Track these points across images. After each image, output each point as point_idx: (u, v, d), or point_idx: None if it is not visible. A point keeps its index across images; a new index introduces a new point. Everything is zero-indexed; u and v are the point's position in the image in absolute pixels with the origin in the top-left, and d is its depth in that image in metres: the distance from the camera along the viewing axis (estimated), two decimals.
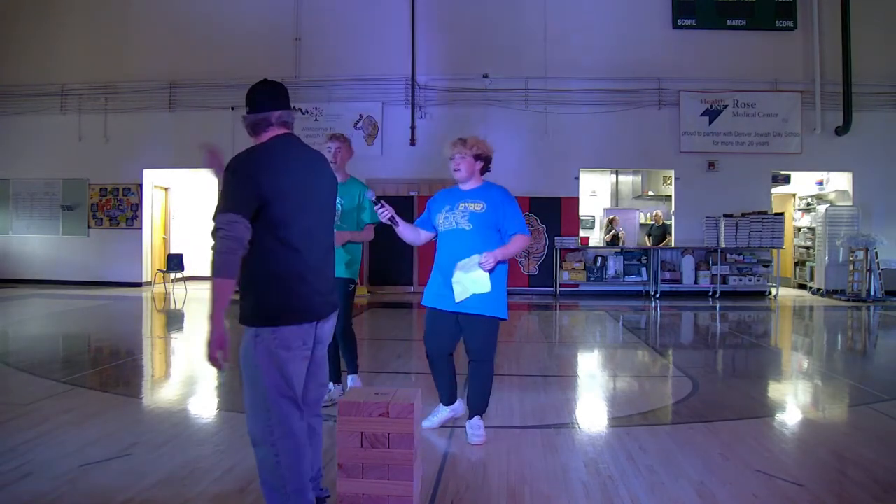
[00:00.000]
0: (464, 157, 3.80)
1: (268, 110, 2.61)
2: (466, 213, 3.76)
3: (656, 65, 13.24)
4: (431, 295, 3.89)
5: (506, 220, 3.78)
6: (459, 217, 3.77)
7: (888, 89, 13.13)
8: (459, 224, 3.76)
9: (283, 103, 2.64)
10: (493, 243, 3.73)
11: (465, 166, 3.81)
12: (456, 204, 3.82)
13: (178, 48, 13.69)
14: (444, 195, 3.97)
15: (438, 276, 3.85)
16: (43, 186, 14.25)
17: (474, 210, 3.76)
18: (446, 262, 3.78)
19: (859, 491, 3.17)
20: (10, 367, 5.92)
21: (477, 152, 3.82)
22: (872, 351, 8.01)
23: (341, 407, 2.78)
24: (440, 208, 3.89)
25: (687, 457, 3.62)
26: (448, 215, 3.81)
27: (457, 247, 3.74)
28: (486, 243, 3.71)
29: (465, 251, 3.70)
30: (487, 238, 3.73)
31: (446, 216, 3.82)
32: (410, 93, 13.42)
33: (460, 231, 3.75)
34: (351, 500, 2.74)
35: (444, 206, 3.87)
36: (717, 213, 12.97)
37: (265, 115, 2.61)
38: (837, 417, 4.75)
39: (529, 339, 8.48)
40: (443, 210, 3.86)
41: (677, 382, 5.77)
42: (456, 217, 3.78)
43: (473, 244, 3.71)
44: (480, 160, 3.84)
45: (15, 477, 3.21)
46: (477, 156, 3.83)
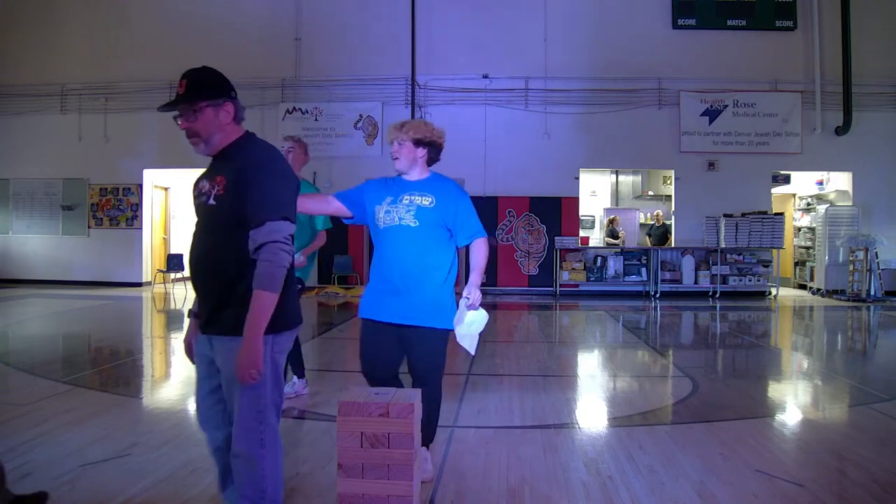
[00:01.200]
0: (401, 143, 3.21)
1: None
2: (412, 207, 3.15)
3: (656, 65, 13.25)
4: (369, 304, 3.24)
5: (459, 221, 3.20)
6: (404, 211, 3.15)
7: (888, 89, 13.14)
8: (404, 220, 3.13)
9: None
10: (442, 246, 3.20)
11: (405, 153, 3.21)
12: (400, 196, 3.18)
13: (178, 48, 13.68)
14: (385, 184, 3.31)
15: (378, 282, 3.23)
16: (43, 186, 14.25)
17: (422, 204, 3.15)
18: (388, 265, 3.17)
19: (859, 491, 3.17)
20: (10, 367, 5.92)
21: (416, 136, 3.21)
22: (872, 351, 8.01)
23: (341, 407, 2.78)
24: (380, 199, 3.23)
25: (687, 457, 3.62)
26: (390, 209, 3.17)
27: (401, 247, 3.13)
28: (435, 245, 3.17)
29: (412, 252, 3.13)
30: (436, 237, 3.17)
31: (388, 210, 3.17)
32: (410, 93, 13.42)
33: (405, 228, 3.12)
34: (351, 500, 2.74)
35: (385, 196, 3.22)
36: (717, 213, 12.97)
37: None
38: (837, 417, 4.75)
39: (529, 339, 8.48)
40: (383, 202, 3.21)
41: (677, 382, 5.77)
42: (399, 211, 3.15)
43: (421, 245, 3.13)
44: (422, 146, 3.23)
45: (15, 477, 3.20)
46: (417, 141, 3.21)
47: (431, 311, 3.17)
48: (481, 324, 3.24)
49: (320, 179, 13.51)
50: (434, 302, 3.17)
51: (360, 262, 13.42)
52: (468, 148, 13.27)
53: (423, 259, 3.14)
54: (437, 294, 3.18)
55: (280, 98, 13.71)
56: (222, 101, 2.42)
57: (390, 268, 3.16)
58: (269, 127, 13.71)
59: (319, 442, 3.86)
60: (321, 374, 6.06)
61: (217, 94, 2.42)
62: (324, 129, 13.61)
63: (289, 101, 13.71)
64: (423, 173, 3.28)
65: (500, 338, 8.06)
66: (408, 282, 3.13)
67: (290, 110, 13.68)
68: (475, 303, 3.14)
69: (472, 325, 3.20)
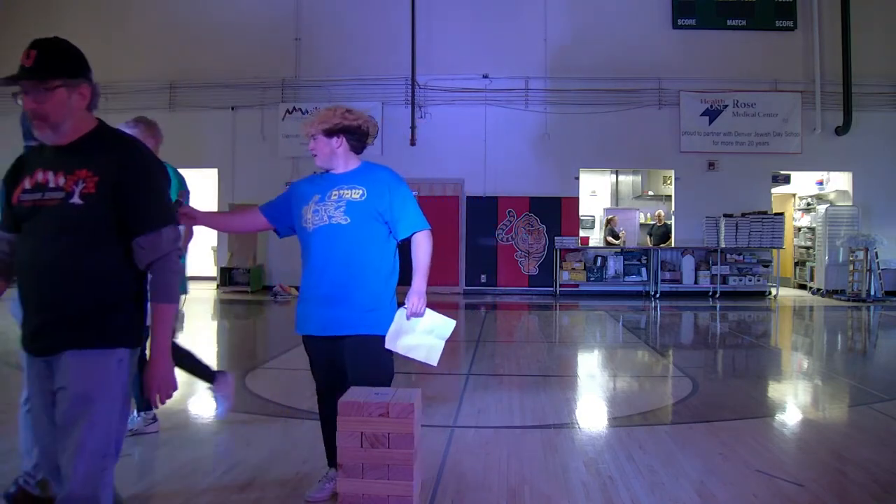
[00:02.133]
0: (314, 137, 2.91)
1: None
2: (342, 202, 2.85)
3: (656, 65, 13.24)
4: (301, 318, 2.98)
5: (395, 212, 2.88)
6: (333, 209, 2.84)
7: (888, 89, 13.13)
8: (333, 218, 2.83)
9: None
10: (379, 243, 2.88)
11: (320, 148, 2.91)
12: (328, 192, 2.89)
13: (178, 48, 13.69)
14: (311, 182, 3.03)
15: (308, 290, 2.94)
16: None
17: (352, 198, 2.85)
18: (319, 271, 2.86)
19: (859, 491, 3.17)
20: (10, 367, 5.92)
21: (324, 127, 2.88)
22: (872, 351, 8.01)
23: (341, 407, 2.78)
24: (306, 199, 2.93)
25: (687, 457, 3.62)
26: (318, 207, 2.87)
27: (331, 248, 2.83)
28: (370, 241, 2.85)
29: (345, 254, 2.82)
30: (371, 234, 2.85)
31: (315, 209, 2.87)
32: (410, 93, 13.42)
33: (335, 228, 2.82)
34: (351, 500, 2.74)
35: (311, 195, 2.92)
36: (717, 213, 12.97)
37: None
38: (837, 417, 4.75)
39: (529, 339, 8.48)
40: (310, 201, 2.91)
41: (677, 382, 5.77)
42: (328, 209, 2.85)
43: (355, 244, 2.82)
44: (339, 135, 2.89)
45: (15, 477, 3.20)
46: (328, 131, 2.88)
47: (369, 316, 2.85)
48: (444, 331, 2.96)
49: None
50: (372, 305, 2.85)
51: None
52: (468, 148, 13.27)
53: (357, 260, 2.83)
54: (375, 297, 2.87)
55: (280, 98, 13.70)
56: (79, 82, 2.00)
57: (321, 274, 2.86)
58: (269, 127, 13.73)
59: (319, 442, 3.85)
60: None
61: (74, 73, 1.99)
62: None
63: (289, 101, 13.70)
64: (350, 164, 2.95)
65: (500, 338, 8.06)
66: (340, 289, 2.83)
67: (290, 110, 13.68)
68: (417, 311, 2.86)
69: (432, 334, 2.94)
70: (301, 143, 13.88)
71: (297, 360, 6.74)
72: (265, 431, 4.12)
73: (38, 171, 2.00)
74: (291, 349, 7.29)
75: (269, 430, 4.17)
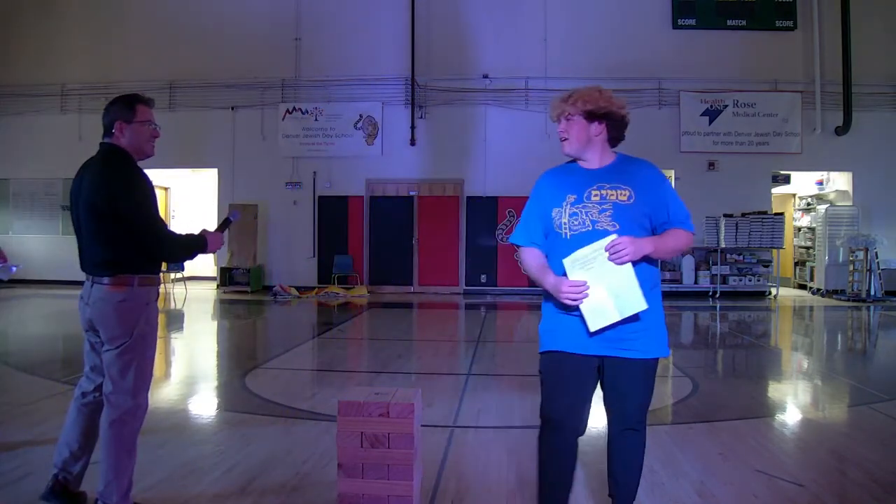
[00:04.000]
0: (570, 118, 2.48)
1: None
2: (607, 205, 2.37)
3: (656, 65, 13.24)
4: (556, 334, 2.50)
5: (662, 212, 2.42)
6: (596, 212, 2.37)
7: (888, 89, 13.13)
8: (598, 223, 2.36)
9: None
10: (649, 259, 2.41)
11: (576, 132, 2.48)
12: (585, 191, 2.41)
13: (178, 48, 13.69)
14: (561, 176, 2.53)
15: (563, 316, 2.46)
16: (43, 186, 14.26)
17: (619, 201, 2.38)
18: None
19: (859, 491, 3.17)
20: (10, 367, 5.92)
21: (589, 108, 2.44)
22: (872, 351, 8.01)
23: (341, 407, 2.78)
24: (558, 199, 2.44)
25: (687, 457, 3.62)
26: (576, 210, 2.39)
27: None
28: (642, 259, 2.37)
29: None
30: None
31: (573, 212, 2.39)
32: (410, 93, 13.42)
33: (602, 235, 2.33)
34: (351, 500, 2.74)
35: (565, 194, 2.43)
36: (717, 213, 12.97)
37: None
38: (837, 417, 4.75)
39: (530, 339, 8.48)
40: (564, 202, 2.42)
41: (677, 382, 5.76)
42: (590, 212, 2.38)
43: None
44: (602, 121, 2.47)
45: (15, 477, 3.21)
46: (590, 114, 2.45)
47: (644, 338, 2.41)
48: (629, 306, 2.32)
49: (320, 179, 13.52)
50: (643, 326, 2.40)
51: (360, 262, 13.41)
52: (468, 148, 13.28)
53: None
54: (645, 313, 2.37)
55: (280, 98, 13.70)
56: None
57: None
58: (269, 127, 13.72)
59: (319, 442, 3.86)
60: (321, 374, 6.06)
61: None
62: (324, 129, 13.61)
63: (289, 101, 13.70)
64: (606, 157, 2.52)
65: (500, 338, 8.06)
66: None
67: (290, 110, 13.67)
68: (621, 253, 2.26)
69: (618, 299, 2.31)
70: (301, 142, 13.97)
71: (297, 360, 6.76)
72: (265, 431, 4.12)
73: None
74: (291, 349, 7.30)
75: (269, 430, 4.17)
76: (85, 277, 2.78)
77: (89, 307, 2.73)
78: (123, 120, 2.76)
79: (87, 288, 2.77)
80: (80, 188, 2.73)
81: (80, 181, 2.75)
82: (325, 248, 13.53)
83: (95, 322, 2.72)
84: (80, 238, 2.79)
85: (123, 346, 2.69)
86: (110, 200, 2.61)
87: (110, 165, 2.69)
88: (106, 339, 2.71)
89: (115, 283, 2.68)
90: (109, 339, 2.70)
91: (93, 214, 2.66)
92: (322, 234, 13.52)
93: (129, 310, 2.70)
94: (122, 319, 2.69)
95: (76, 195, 2.76)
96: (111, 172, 2.67)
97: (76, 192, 2.76)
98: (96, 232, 2.68)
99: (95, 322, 2.72)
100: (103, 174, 2.67)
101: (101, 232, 2.67)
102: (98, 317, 2.70)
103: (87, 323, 2.78)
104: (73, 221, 2.81)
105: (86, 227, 2.71)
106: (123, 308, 2.68)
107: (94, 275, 2.72)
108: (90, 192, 2.66)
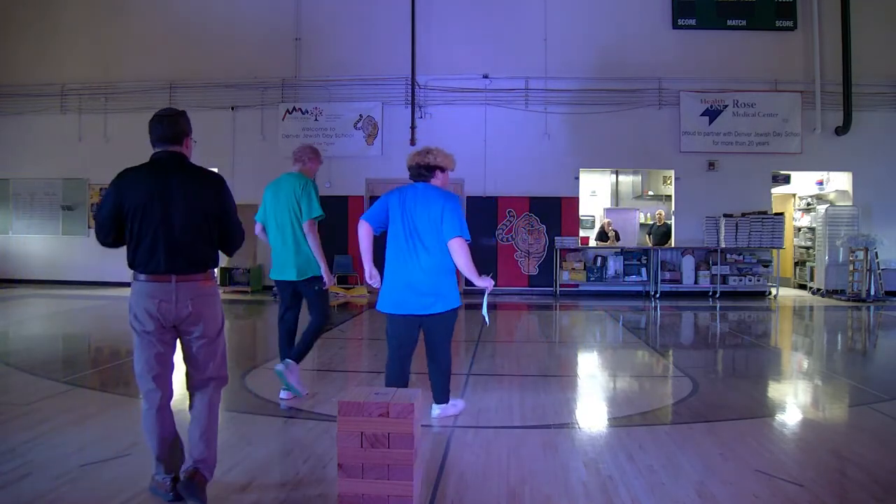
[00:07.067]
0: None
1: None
2: None
3: (656, 65, 13.24)
4: None
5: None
6: None
7: (888, 89, 13.13)
8: None
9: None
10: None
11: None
12: None
13: (178, 48, 13.69)
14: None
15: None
16: (43, 186, 14.25)
17: None
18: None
19: (859, 491, 3.17)
20: (10, 367, 5.92)
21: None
22: (872, 351, 8.01)
23: (341, 407, 2.78)
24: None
25: (687, 457, 3.62)
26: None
27: None
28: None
29: None
30: None
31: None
32: (410, 93, 13.42)
33: None
34: (351, 500, 2.74)
35: None
36: (717, 213, 12.97)
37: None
38: (837, 417, 4.75)
39: (529, 339, 8.48)
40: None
41: (677, 382, 5.77)
42: None
43: None
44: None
45: (15, 477, 3.21)
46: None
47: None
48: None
49: (320, 179, 13.47)
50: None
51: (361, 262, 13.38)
52: (468, 148, 13.25)
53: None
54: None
55: (280, 98, 13.70)
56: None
57: None
58: (268, 127, 13.72)
59: (319, 442, 3.86)
60: (321, 373, 6.06)
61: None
62: (324, 129, 13.61)
63: (289, 101, 13.70)
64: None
65: (500, 338, 8.06)
66: None
67: (290, 110, 13.67)
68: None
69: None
70: (301, 142, 13.91)
71: None
72: (265, 431, 4.12)
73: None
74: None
75: (269, 429, 4.17)
76: (148, 279, 2.90)
77: (182, 304, 2.90)
78: (190, 135, 3.10)
79: (167, 288, 2.89)
80: (173, 193, 2.91)
81: (168, 185, 2.91)
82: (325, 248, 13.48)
83: (196, 316, 2.94)
84: (171, 239, 2.90)
85: (220, 331, 3.08)
86: (224, 209, 3.05)
87: (218, 178, 3.10)
88: (206, 329, 2.99)
89: (209, 279, 3.03)
90: (210, 327, 3.01)
91: (205, 219, 2.98)
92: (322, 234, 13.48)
93: (218, 299, 3.11)
94: (218, 308, 3.08)
95: (166, 198, 2.90)
96: (223, 184, 3.09)
97: (165, 195, 2.90)
98: (205, 235, 3.00)
99: (196, 316, 2.94)
100: (217, 185, 3.06)
101: (207, 234, 3.00)
102: (201, 309, 2.95)
103: (173, 320, 2.91)
104: (156, 222, 2.89)
105: (193, 230, 2.94)
106: (217, 298, 3.09)
107: (186, 272, 2.92)
108: (207, 200, 2.99)
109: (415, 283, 4.03)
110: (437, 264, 4.05)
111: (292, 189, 4.81)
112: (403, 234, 4.08)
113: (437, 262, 4.05)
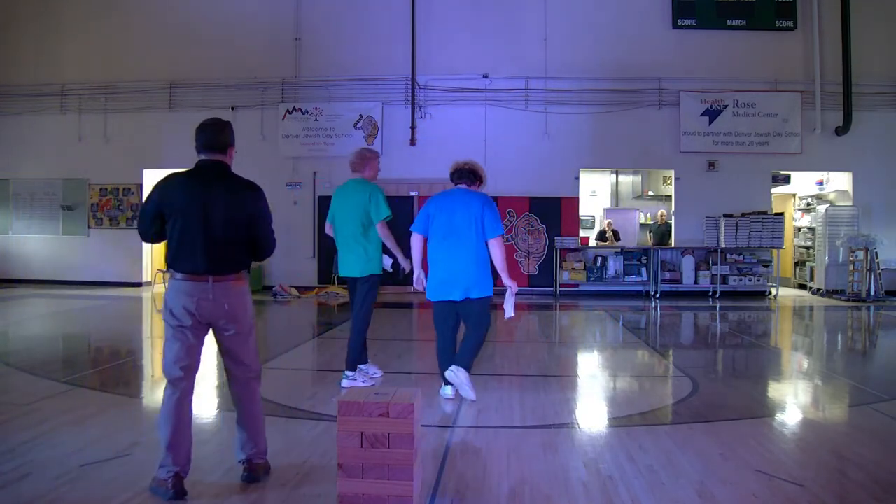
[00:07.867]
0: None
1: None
2: None
3: (656, 65, 13.24)
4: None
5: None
6: None
7: (888, 89, 13.13)
8: None
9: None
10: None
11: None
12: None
13: (178, 48, 13.69)
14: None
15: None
16: (43, 186, 14.25)
17: None
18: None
19: (859, 491, 3.17)
20: (10, 367, 5.92)
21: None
22: (872, 351, 8.01)
23: (341, 407, 2.78)
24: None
25: (687, 457, 3.62)
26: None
27: None
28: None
29: None
30: None
31: None
32: (410, 93, 13.42)
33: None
34: (351, 500, 2.74)
35: None
36: (717, 214, 12.97)
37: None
38: (837, 417, 4.75)
39: (529, 339, 8.48)
40: None
41: (677, 382, 5.77)
42: None
43: None
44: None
45: (15, 477, 3.21)
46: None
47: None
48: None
49: (320, 179, 13.52)
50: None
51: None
52: (468, 148, 13.23)
53: None
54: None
55: (280, 98, 13.70)
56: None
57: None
58: (269, 127, 13.72)
59: (319, 442, 3.86)
60: (321, 373, 6.06)
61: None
62: (324, 129, 13.61)
63: (289, 101, 13.70)
64: None
65: (500, 338, 8.06)
66: None
67: (290, 110, 13.67)
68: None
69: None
70: (301, 142, 13.96)
71: (298, 360, 6.76)
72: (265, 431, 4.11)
73: None
74: (291, 349, 7.30)
75: (269, 430, 4.17)
76: (186, 277, 3.07)
77: (218, 302, 3.08)
78: (233, 145, 3.36)
79: (204, 287, 3.07)
80: (214, 200, 3.09)
81: (210, 192, 3.11)
82: (326, 248, 13.53)
83: (231, 314, 3.12)
84: (210, 243, 3.08)
85: (252, 326, 3.26)
86: (261, 217, 3.23)
87: (256, 189, 3.27)
88: (240, 326, 3.17)
89: (242, 279, 3.20)
90: (243, 325, 3.19)
91: (242, 226, 3.16)
92: (322, 235, 13.48)
93: (249, 297, 3.28)
94: (249, 305, 3.25)
95: (207, 204, 3.08)
96: (261, 194, 3.28)
97: (207, 201, 3.09)
98: (241, 240, 3.18)
99: (231, 314, 3.12)
100: (255, 195, 3.25)
101: (243, 240, 3.19)
102: (235, 308, 3.13)
103: (209, 317, 3.10)
104: (197, 226, 3.07)
105: (230, 235, 3.12)
106: (248, 297, 3.25)
107: (222, 273, 3.10)
108: (245, 208, 3.17)
109: (454, 275, 4.66)
110: (472, 258, 4.65)
111: (359, 197, 5.18)
112: (443, 233, 4.70)
113: (472, 256, 4.65)
